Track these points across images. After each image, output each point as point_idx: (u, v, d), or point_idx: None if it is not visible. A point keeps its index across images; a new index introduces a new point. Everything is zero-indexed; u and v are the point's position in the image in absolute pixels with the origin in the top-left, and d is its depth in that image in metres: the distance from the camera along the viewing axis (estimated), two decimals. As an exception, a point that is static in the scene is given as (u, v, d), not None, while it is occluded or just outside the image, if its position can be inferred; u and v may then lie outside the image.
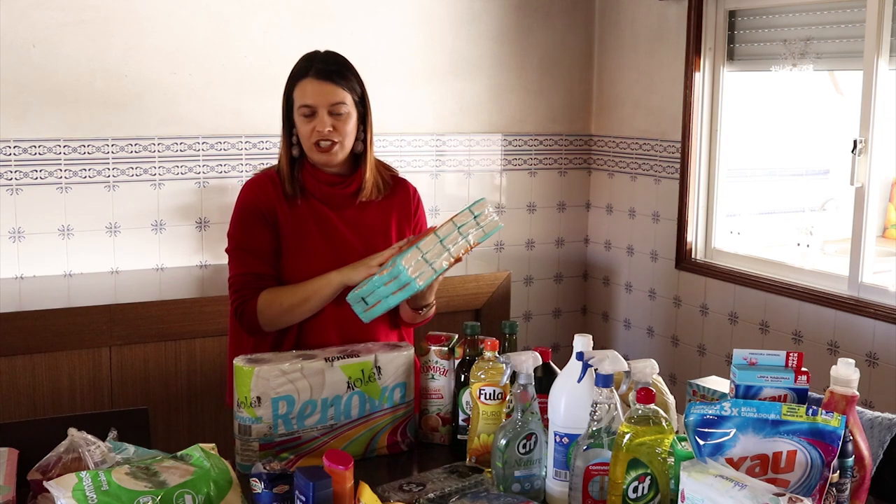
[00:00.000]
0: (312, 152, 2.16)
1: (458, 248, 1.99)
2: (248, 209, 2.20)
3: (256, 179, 2.23)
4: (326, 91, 2.13)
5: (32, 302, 3.12)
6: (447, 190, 4.18)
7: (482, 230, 2.02)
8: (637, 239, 4.30)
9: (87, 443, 1.67)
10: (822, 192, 4.29)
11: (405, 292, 1.97)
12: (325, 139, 2.13)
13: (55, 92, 3.40)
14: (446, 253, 1.97)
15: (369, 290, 1.99)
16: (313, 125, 2.13)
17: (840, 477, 1.52)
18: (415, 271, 1.94)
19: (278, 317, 2.14)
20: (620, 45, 4.31)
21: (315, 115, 2.13)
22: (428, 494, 1.67)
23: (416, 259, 1.95)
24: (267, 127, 3.75)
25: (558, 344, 4.44)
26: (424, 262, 1.95)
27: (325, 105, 2.12)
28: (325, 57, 2.18)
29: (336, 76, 2.14)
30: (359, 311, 2.02)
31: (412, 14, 4.01)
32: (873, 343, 3.28)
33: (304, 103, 2.13)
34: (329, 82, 2.13)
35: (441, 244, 1.97)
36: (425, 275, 1.96)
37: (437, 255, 1.96)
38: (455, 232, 1.99)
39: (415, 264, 1.94)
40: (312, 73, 2.14)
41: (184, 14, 3.57)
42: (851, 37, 3.40)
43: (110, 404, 3.03)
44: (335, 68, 2.16)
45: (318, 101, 2.12)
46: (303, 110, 2.14)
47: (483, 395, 1.82)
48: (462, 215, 2.01)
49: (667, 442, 1.52)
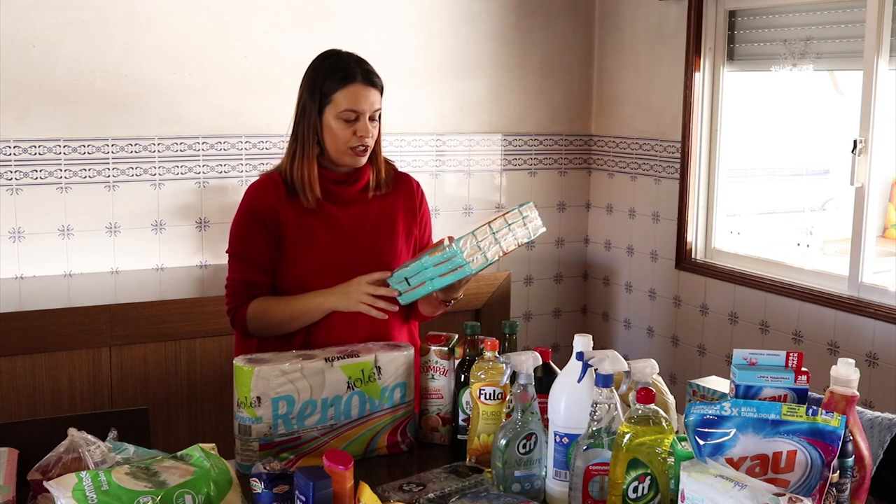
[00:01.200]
0: (346, 155, 2.17)
1: (507, 242, 2.01)
2: (248, 214, 2.20)
3: (258, 183, 2.23)
4: (373, 98, 2.15)
5: (32, 302, 3.12)
6: (447, 190, 4.18)
7: (528, 231, 2.04)
8: (637, 239, 4.30)
9: (87, 443, 1.67)
10: (822, 192, 4.29)
11: (455, 275, 1.97)
12: (363, 144, 2.15)
13: (55, 92, 3.40)
14: (497, 246, 1.99)
15: (416, 269, 2.01)
16: (354, 129, 2.14)
17: (840, 477, 1.52)
18: (469, 255, 1.95)
19: (265, 329, 2.17)
20: (620, 45, 4.31)
21: (358, 120, 2.14)
22: (428, 494, 1.67)
23: (472, 244, 1.96)
24: (267, 127, 3.75)
25: (558, 344, 4.44)
26: (478, 249, 1.96)
27: (370, 111, 2.15)
28: (362, 61, 2.19)
29: (379, 83, 2.18)
30: (400, 292, 2.04)
31: (412, 14, 4.01)
32: (873, 343, 3.29)
33: (352, 108, 2.13)
34: (375, 89, 2.16)
35: (494, 236, 1.98)
36: (477, 261, 1.97)
37: (490, 246, 1.98)
38: (506, 228, 2.01)
39: (469, 248, 1.95)
40: (361, 78, 2.14)
41: (184, 14, 3.57)
42: (851, 37, 3.40)
43: (110, 404, 3.03)
44: (376, 75, 2.19)
45: (366, 107, 2.14)
46: (347, 114, 2.13)
47: (483, 395, 1.82)
48: (512, 214, 2.03)
49: (667, 442, 1.52)
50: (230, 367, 1.89)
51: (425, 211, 2.36)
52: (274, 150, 3.76)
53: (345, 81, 2.13)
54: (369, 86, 2.15)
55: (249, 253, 2.18)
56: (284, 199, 2.18)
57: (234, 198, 3.68)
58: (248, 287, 2.17)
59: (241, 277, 2.18)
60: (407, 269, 2.02)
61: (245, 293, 2.17)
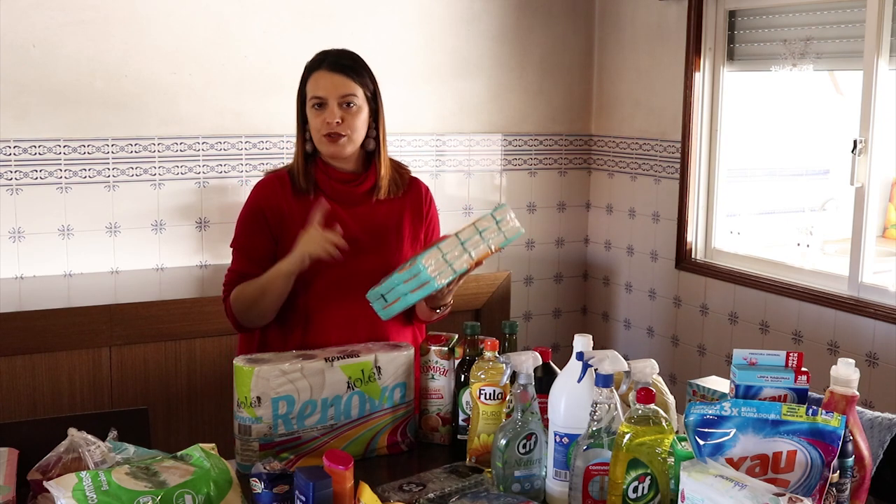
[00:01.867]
0: (322, 144, 2.18)
1: (479, 251, 2.00)
2: (252, 211, 2.23)
3: (265, 181, 2.26)
4: (337, 83, 2.16)
5: (32, 302, 3.12)
6: (447, 190, 4.18)
7: (503, 235, 2.03)
8: (637, 239, 4.30)
9: (87, 443, 1.67)
10: (822, 192, 4.29)
11: (424, 290, 1.97)
12: (333, 131, 2.15)
13: (55, 92, 3.40)
14: (466, 255, 1.99)
15: (388, 287, 2.01)
16: (323, 117, 2.16)
17: (840, 477, 1.52)
18: (434, 270, 1.95)
19: (245, 312, 2.18)
20: (620, 45, 4.31)
21: (325, 106, 2.15)
22: (428, 494, 1.67)
23: (437, 259, 1.96)
24: (267, 127, 3.75)
25: (558, 344, 4.44)
26: (444, 262, 1.96)
27: (335, 97, 2.15)
28: (340, 52, 2.23)
29: (348, 70, 2.18)
30: (378, 309, 2.04)
31: (412, 14, 4.01)
32: (873, 343, 3.29)
33: (315, 94, 2.16)
34: (341, 74, 2.17)
35: (462, 246, 1.98)
36: (445, 274, 1.96)
37: (458, 257, 1.98)
38: (477, 235, 2.00)
39: (435, 263, 1.95)
40: (325, 65, 2.18)
41: (184, 14, 3.57)
42: (851, 37, 3.40)
43: (110, 404, 3.03)
44: (348, 63, 2.19)
45: (329, 92, 2.15)
46: (313, 101, 2.17)
47: (483, 395, 1.82)
48: (484, 220, 2.02)
49: (667, 442, 1.52)
50: (230, 367, 1.89)
51: (433, 216, 2.36)
52: (274, 150, 3.76)
53: (311, 70, 2.19)
54: (335, 72, 2.16)
55: (248, 247, 2.22)
56: (290, 197, 2.20)
57: (234, 198, 3.69)
58: (241, 278, 2.20)
59: (237, 269, 2.23)
60: (381, 287, 2.02)
61: (237, 283, 2.20)
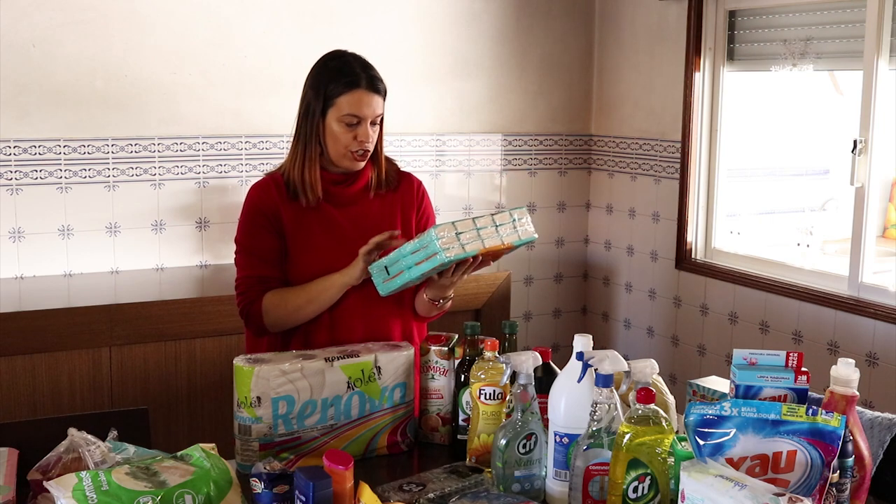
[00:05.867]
0: (346, 159, 2.17)
1: (491, 241, 1.97)
2: (252, 213, 2.21)
3: (260, 184, 2.24)
4: (376, 104, 2.15)
5: (32, 302, 3.12)
6: (447, 190, 4.18)
7: (517, 234, 2.01)
8: (637, 239, 4.30)
9: (87, 443, 1.67)
10: (822, 192, 4.29)
11: (430, 263, 1.93)
12: (363, 149, 2.15)
13: (55, 92, 3.40)
14: (479, 241, 1.95)
15: (394, 258, 1.99)
16: (355, 134, 2.14)
17: (840, 477, 1.52)
18: (446, 243, 1.92)
19: (284, 318, 2.15)
20: (620, 45, 4.31)
21: (359, 124, 2.14)
22: (428, 494, 1.67)
23: (450, 233, 1.92)
24: (267, 127, 3.75)
25: (558, 344, 4.44)
26: (456, 239, 1.93)
27: (371, 116, 2.14)
28: (368, 65, 2.19)
29: (382, 88, 2.17)
30: (378, 282, 2.02)
31: (412, 14, 4.01)
32: (873, 343, 3.29)
33: (354, 113, 2.13)
34: (378, 95, 2.16)
35: (476, 230, 1.95)
36: (453, 250, 1.92)
37: (471, 239, 1.94)
38: (492, 227, 1.98)
39: (447, 237, 1.92)
40: (365, 84, 2.14)
41: (184, 14, 3.57)
42: (851, 37, 3.40)
43: (110, 404, 3.03)
44: (381, 80, 2.18)
45: (368, 113, 2.14)
46: (349, 118, 2.13)
47: (483, 395, 1.81)
48: (502, 215, 2.00)
49: (667, 442, 1.52)
50: (230, 367, 1.89)
51: (426, 208, 2.34)
52: (274, 150, 3.76)
53: (349, 86, 2.13)
54: (373, 92, 2.14)
55: (257, 248, 2.18)
56: (285, 200, 2.19)
57: (234, 198, 3.69)
58: (260, 282, 2.16)
59: (252, 273, 2.18)
60: (388, 258, 2.00)
61: (258, 288, 2.16)
